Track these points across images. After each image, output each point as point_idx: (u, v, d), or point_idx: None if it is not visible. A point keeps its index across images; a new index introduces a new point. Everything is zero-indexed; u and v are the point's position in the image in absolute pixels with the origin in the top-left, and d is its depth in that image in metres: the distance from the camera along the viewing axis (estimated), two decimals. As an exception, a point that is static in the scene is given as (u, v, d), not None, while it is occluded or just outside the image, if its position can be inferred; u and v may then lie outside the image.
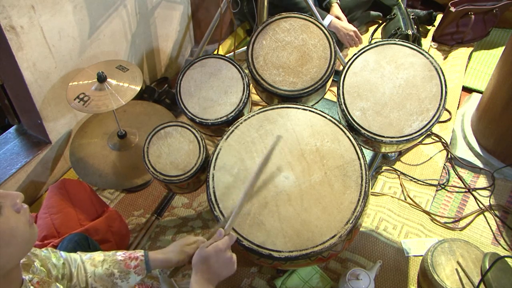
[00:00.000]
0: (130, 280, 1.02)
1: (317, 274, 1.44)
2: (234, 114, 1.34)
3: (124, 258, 1.03)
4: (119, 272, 1.01)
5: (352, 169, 1.18)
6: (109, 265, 1.01)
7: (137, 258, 1.04)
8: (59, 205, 1.41)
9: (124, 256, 1.04)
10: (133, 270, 1.02)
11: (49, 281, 0.85)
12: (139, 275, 1.03)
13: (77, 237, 1.21)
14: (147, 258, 1.05)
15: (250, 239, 1.12)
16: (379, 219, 1.65)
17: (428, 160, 1.88)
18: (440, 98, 1.22)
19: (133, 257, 1.04)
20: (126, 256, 1.04)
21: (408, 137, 1.21)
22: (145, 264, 1.04)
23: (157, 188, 1.78)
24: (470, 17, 2.35)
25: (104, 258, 1.03)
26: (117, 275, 1.01)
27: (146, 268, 1.04)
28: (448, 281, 1.32)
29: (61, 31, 1.54)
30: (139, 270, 1.03)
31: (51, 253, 0.96)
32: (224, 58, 1.42)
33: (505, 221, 1.65)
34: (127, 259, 1.04)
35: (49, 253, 0.95)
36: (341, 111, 1.28)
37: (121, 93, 1.49)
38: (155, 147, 1.33)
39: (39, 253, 0.92)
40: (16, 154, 1.68)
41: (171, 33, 2.17)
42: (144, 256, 1.05)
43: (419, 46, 1.28)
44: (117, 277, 1.01)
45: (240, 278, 1.47)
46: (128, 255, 1.05)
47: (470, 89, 2.24)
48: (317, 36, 1.36)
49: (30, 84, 1.52)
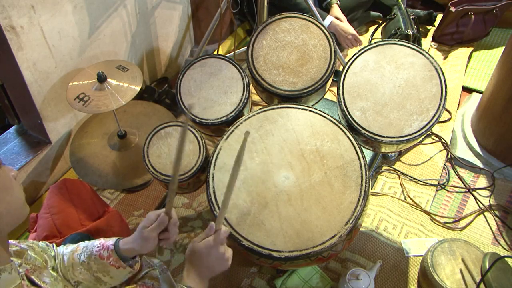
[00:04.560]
0: (112, 274, 0.97)
1: (317, 274, 1.44)
2: (234, 114, 1.34)
3: (98, 249, 0.97)
4: (96, 265, 0.96)
5: (352, 169, 1.18)
6: (86, 257, 0.96)
7: (108, 247, 0.97)
8: (60, 205, 1.40)
9: (99, 246, 0.98)
10: (107, 261, 0.96)
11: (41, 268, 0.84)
12: (118, 268, 0.97)
13: (79, 237, 1.20)
14: (117, 248, 0.97)
15: (250, 239, 1.12)
16: (379, 219, 1.65)
17: (428, 160, 1.88)
18: (440, 98, 1.22)
19: (105, 246, 0.97)
20: (101, 246, 0.98)
21: (408, 137, 1.21)
22: (116, 255, 0.96)
23: (157, 188, 1.78)
24: (470, 17, 2.35)
25: (82, 250, 0.98)
26: (95, 268, 0.96)
27: (121, 258, 0.97)
28: (448, 281, 1.32)
29: (61, 31, 1.54)
30: (113, 261, 0.96)
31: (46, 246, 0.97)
32: (224, 58, 1.42)
33: (505, 221, 1.65)
34: (101, 249, 0.97)
35: (46, 246, 0.96)
36: (341, 111, 1.28)
37: (121, 93, 1.49)
38: (155, 147, 1.33)
39: (35, 245, 0.92)
40: (16, 154, 1.68)
41: (171, 33, 2.17)
42: (114, 245, 0.97)
43: (419, 46, 1.28)
44: (95, 270, 0.96)
45: (240, 278, 1.47)
46: (102, 244, 0.98)
47: (470, 89, 2.24)
48: (317, 36, 1.36)
49: (30, 84, 1.52)
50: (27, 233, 1.62)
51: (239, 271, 1.49)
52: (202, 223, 1.65)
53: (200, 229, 1.63)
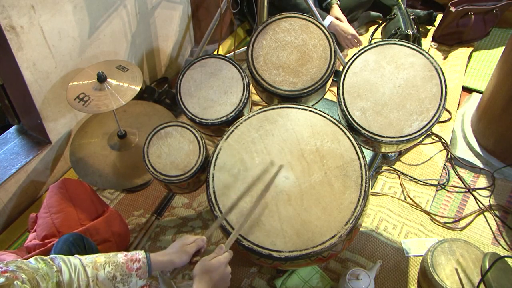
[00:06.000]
0: (131, 284, 1.01)
1: (317, 274, 1.44)
2: (234, 114, 1.34)
3: (125, 261, 1.02)
4: (121, 275, 1.00)
5: (352, 169, 1.18)
6: (111, 267, 1.00)
7: (139, 260, 1.03)
8: (60, 205, 1.41)
9: (125, 258, 1.03)
10: (135, 272, 1.01)
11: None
12: (141, 279, 1.02)
13: (72, 238, 1.19)
14: (149, 261, 1.04)
15: (250, 239, 1.12)
16: (379, 219, 1.65)
17: (428, 160, 1.88)
18: (440, 98, 1.22)
19: (135, 259, 1.03)
20: (127, 258, 1.03)
21: (408, 137, 1.21)
22: (147, 267, 1.03)
23: (157, 188, 1.78)
24: (470, 17, 2.35)
25: (106, 261, 1.01)
26: (119, 279, 0.99)
27: (148, 270, 1.03)
28: (448, 281, 1.32)
29: (61, 31, 1.54)
30: (141, 273, 1.02)
31: (40, 262, 0.89)
32: (224, 58, 1.42)
33: (505, 221, 1.65)
34: (128, 261, 1.02)
35: (38, 263, 0.88)
36: (341, 111, 1.28)
37: (121, 93, 1.49)
38: (155, 147, 1.33)
39: (26, 266, 0.85)
40: (16, 154, 1.68)
41: (171, 33, 2.17)
42: (146, 258, 1.04)
43: (419, 46, 1.28)
44: (119, 280, 0.99)
45: (240, 278, 1.47)
46: (130, 257, 1.03)
47: (470, 89, 2.24)
48: (317, 36, 1.36)
49: (30, 84, 1.52)
50: (27, 233, 1.62)
51: (239, 271, 1.49)
52: (202, 223, 1.65)
53: (200, 229, 1.63)
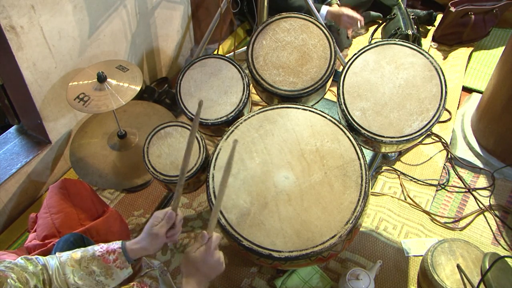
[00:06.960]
0: (115, 275, 0.99)
1: (317, 274, 1.44)
2: (234, 114, 1.34)
3: (102, 253, 0.99)
4: (100, 268, 0.98)
5: (352, 169, 1.18)
6: (87, 262, 0.98)
7: (115, 251, 0.99)
8: (60, 205, 1.41)
9: (101, 251, 1.00)
10: (113, 264, 0.98)
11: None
12: (122, 269, 0.99)
13: (73, 238, 1.19)
14: (124, 249, 1.00)
15: (250, 239, 1.12)
16: (379, 219, 1.65)
17: (428, 160, 1.88)
18: (440, 98, 1.22)
19: (111, 250, 0.99)
20: (103, 250, 1.00)
21: (408, 137, 1.21)
22: (124, 256, 0.99)
23: (157, 188, 1.78)
24: (470, 17, 2.35)
25: (82, 256, 0.99)
26: (98, 272, 0.97)
27: (127, 259, 1.00)
28: (448, 281, 1.32)
29: (61, 31, 1.54)
30: (119, 263, 0.99)
31: (26, 262, 0.92)
32: (224, 58, 1.42)
33: (505, 221, 1.65)
34: (104, 253, 0.99)
35: (25, 263, 0.92)
36: (341, 111, 1.28)
37: (121, 93, 1.49)
38: (155, 147, 1.33)
39: (14, 265, 0.89)
40: (16, 154, 1.68)
41: (171, 33, 2.17)
42: (122, 247, 1.00)
43: (419, 46, 1.28)
44: (98, 274, 0.97)
45: (240, 278, 1.47)
46: (106, 249, 1.00)
47: (470, 89, 2.24)
48: (317, 36, 1.36)
49: (30, 84, 1.52)
50: (27, 233, 1.62)
51: (239, 271, 1.49)
52: (202, 223, 1.65)
53: (200, 229, 1.63)
